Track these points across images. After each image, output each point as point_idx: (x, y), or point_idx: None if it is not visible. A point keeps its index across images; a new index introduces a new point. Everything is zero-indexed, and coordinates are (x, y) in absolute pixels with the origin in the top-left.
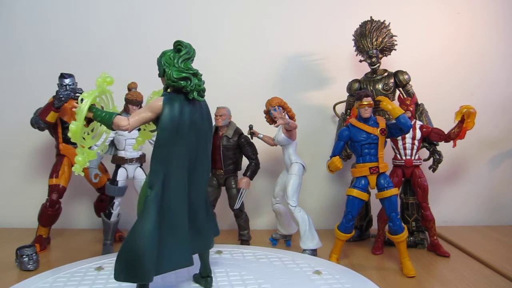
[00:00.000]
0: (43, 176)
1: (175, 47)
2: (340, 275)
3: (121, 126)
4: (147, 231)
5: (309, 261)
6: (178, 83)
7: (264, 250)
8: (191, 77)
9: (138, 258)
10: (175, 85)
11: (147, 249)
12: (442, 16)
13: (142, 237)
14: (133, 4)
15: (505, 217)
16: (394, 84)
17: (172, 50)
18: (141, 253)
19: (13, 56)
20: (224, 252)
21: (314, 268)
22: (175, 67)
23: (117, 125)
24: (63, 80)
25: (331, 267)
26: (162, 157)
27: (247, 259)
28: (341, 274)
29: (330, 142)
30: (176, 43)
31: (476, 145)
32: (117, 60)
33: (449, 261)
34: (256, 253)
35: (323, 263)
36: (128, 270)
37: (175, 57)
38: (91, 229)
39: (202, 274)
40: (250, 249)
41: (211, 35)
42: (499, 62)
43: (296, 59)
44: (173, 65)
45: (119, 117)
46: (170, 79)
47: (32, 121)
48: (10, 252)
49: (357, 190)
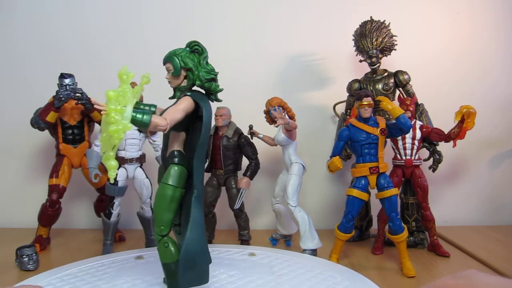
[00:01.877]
0: (43, 176)
1: (192, 47)
2: (340, 275)
3: (160, 126)
4: (202, 232)
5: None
6: (208, 83)
7: (264, 250)
8: (216, 79)
9: (202, 259)
10: (204, 85)
11: (206, 248)
12: (442, 16)
13: (201, 238)
14: (133, 5)
15: (505, 217)
16: (394, 84)
17: (186, 49)
18: (203, 253)
19: (13, 56)
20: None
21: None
22: (203, 68)
23: (155, 125)
24: (63, 80)
25: (331, 267)
26: (202, 155)
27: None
28: (341, 274)
29: (330, 142)
30: (193, 44)
31: (476, 145)
32: (117, 60)
33: (449, 261)
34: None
35: (323, 263)
36: (196, 274)
37: (199, 58)
38: (91, 229)
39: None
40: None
41: (211, 35)
42: (499, 62)
43: (296, 59)
44: (201, 66)
45: (156, 116)
46: (200, 80)
47: (32, 121)
48: (10, 252)
49: (357, 190)
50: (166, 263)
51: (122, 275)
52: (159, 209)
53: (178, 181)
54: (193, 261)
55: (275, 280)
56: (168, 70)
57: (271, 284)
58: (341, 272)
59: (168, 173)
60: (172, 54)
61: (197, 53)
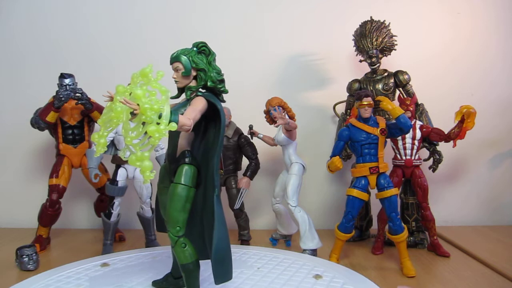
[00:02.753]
0: (43, 176)
1: (200, 48)
2: (340, 275)
3: (186, 126)
4: (227, 229)
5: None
6: (219, 84)
7: (264, 250)
8: (224, 80)
9: (229, 255)
10: (216, 87)
11: (229, 245)
12: (442, 16)
13: (227, 235)
14: (133, 5)
15: (505, 217)
16: (394, 84)
17: (194, 50)
18: (229, 250)
19: (12, 56)
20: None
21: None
22: (214, 69)
23: (182, 125)
24: (63, 80)
25: (331, 267)
26: (219, 154)
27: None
28: (341, 274)
29: (330, 142)
30: (201, 45)
31: (476, 145)
32: (116, 60)
33: (449, 261)
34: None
35: (323, 263)
36: (226, 270)
37: (208, 59)
38: (91, 229)
39: (175, 275)
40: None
41: (211, 35)
42: (499, 62)
43: (296, 59)
44: (211, 67)
45: (182, 116)
46: (213, 81)
47: (32, 121)
48: (10, 252)
49: (357, 190)
50: (185, 263)
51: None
52: (175, 210)
53: (192, 181)
54: (223, 258)
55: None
56: (177, 69)
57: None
58: (341, 272)
59: (181, 173)
60: (181, 53)
61: (204, 54)
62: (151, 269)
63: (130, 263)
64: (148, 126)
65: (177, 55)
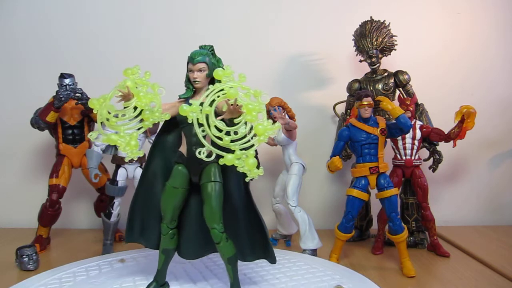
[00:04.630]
0: (43, 176)
1: (211, 51)
2: (340, 275)
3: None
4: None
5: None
6: None
7: None
8: None
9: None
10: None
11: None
12: (442, 16)
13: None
14: (134, 5)
15: (505, 217)
16: (394, 84)
17: (209, 52)
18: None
19: (13, 56)
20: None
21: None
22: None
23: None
24: (63, 80)
25: (331, 267)
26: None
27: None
28: (341, 274)
29: (330, 142)
30: (211, 47)
31: (476, 145)
32: (117, 60)
33: (449, 261)
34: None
35: (323, 263)
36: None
37: (217, 61)
38: (91, 229)
39: (160, 282)
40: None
41: (211, 35)
42: (499, 62)
43: (296, 59)
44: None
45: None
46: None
47: (32, 121)
48: (10, 252)
49: (357, 190)
50: (231, 256)
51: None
52: (219, 207)
53: (221, 178)
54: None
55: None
56: (202, 70)
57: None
58: (341, 272)
59: (215, 171)
60: (205, 54)
61: (213, 56)
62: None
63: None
64: (256, 126)
65: (202, 56)
